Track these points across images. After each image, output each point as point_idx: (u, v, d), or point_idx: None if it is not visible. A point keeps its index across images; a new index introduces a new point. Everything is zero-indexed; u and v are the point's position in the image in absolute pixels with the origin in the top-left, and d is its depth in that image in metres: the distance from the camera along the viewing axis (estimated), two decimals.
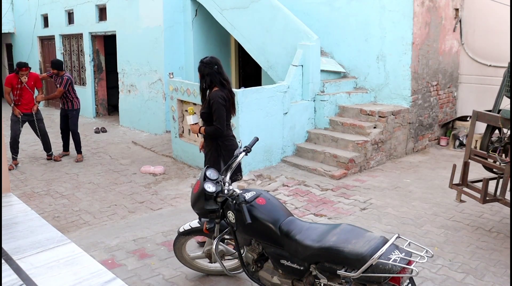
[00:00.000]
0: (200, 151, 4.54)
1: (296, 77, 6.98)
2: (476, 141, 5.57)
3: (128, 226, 4.87)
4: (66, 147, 7.87)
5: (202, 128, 4.12)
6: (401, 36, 7.19)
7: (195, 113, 4.27)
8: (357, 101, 7.51)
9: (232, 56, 10.01)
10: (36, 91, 7.45)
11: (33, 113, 7.21)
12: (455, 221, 4.73)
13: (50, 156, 7.61)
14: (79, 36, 11.79)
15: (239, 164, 3.81)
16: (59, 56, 12.74)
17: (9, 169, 6.74)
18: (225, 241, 3.39)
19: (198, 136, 4.07)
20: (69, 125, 7.60)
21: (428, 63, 7.52)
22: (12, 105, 7.07)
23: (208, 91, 4.14)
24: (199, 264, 3.65)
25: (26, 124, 7.42)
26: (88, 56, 11.44)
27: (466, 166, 4.44)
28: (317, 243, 2.64)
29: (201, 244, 4.06)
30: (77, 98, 7.63)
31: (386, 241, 2.50)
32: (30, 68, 7.15)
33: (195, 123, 4.24)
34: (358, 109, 7.12)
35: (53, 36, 12.78)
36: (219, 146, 4.18)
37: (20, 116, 7.12)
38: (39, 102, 7.44)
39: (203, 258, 3.57)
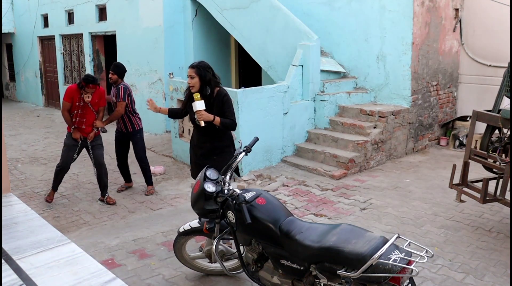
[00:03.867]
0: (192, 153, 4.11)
1: (296, 77, 6.98)
2: (476, 141, 5.56)
3: (128, 226, 4.87)
4: (127, 178, 6.07)
5: (218, 118, 3.79)
6: (401, 36, 7.19)
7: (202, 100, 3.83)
8: (357, 101, 7.51)
9: (232, 56, 10.01)
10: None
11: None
12: (455, 221, 4.73)
13: (103, 198, 5.61)
14: (79, 36, 11.80)
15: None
16: (59, 56, 12.74)
17: (46, 200, 5.54)
18: (222, 241, 3.39)
19: (202, 125, 3.72)
20: (135, 152, 5.82)
21: (428, 63, 7.52)
22: (73, 127, 5.35)
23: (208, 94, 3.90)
24: (199, 264, 3.65)
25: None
26: (88, 56, 11.44)
27: (466, 166, 4.44)
28: (317, 243, 2.64)
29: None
30: (137, 114, 5.80)
31: (386, 241, 2.50)
32: (99, 85, 5.42)
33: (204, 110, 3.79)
34: (358, 109, 7.12)
35: (53, 36, 12.78)
36: (233, 145, 4.02)
37: (80, 141, 5.40)
38: (98, 129, 5.48)
39: (203, 258, 3.57)
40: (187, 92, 3.99)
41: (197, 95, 3.72)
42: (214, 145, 3.93)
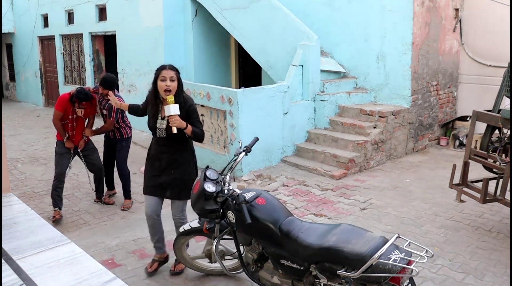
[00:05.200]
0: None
1: (296, 77, 6.98)
2: (476, 141, 5.57)
3: (128, 226, 4.87)
4: (110, 185, 5.90)
5: (190, 126, 3.38)
6: (401, 36, 7.19)
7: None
8: (357, 101, 7.51)
9: (232, 56, 10.01)
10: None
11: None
12: (455, 221, 4.73)
13: (99, 199, 5.67)
14: (79, 36, 11.80)
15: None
16: (59, 56, 12.74)
17: (54, 218, 5.04)
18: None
19: (174, 131, 3.27)
20: (116, 160, 5.67)
21: (428, 63, 7.51)
22: (66, 137, 5.19)
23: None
24: (199, 264, 3.65)
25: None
26: (88, 56, 11.44)
27: (466, 166, 4.44)
28: (317, 243, 2.64)
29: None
30: (127, 125, 5.59)
31: (386, 241, 2.50)
32: (94, 99, 5.26)
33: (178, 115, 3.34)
34: (358, 109, 7.11)
35: (53, 36, 12.78)
36: (194, 158, 3.65)
37: (72, 150, 5.27)
38: (87, 137, 5.37)
39: (203, 258, 3.57)
40: (152, 94, 3.48)
41: (171, 98, 3.29)
42: (173, 158, 3.49)
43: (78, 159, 5.30)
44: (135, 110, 3.97)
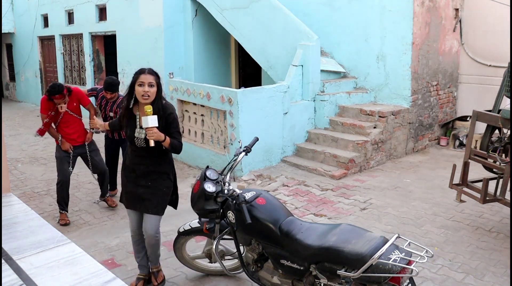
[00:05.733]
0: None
1: (296, 77, 6.98)
2: (476, 141, 5.57)
3: (128, 226, 4.85)
4: (113, 185, 5.85)
5: (168, 139, 3.13)
6: (401, 36, 7.19)
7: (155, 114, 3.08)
8: (357, 101, 7.51)
9: (232, 56, 10.00)
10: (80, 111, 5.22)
11: (86, 144, 5.18)
12: (455, 221, 4.73)
13: (103, 198, 5.54)
14: (79, 36, 11.80)
15: None
16: (59, 56, 12.74)
17: (63, 222, 5.00)
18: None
19: (152, 144, 3.04)
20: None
21: (428, 63, 7.51)
22: (60, 138, 5.03)
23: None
24: (199, 264, 3.66)
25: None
26: (88, 56, 11.44)
27: (466, 166, 4.44)
28: (317, 243, 2.64)
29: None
30: None
31: (386, 241, 2.50)
32: (68, 92, 4.96)
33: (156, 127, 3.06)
34: (358, 109, 7.11)
35: (53, 36, 12.78)
36: (173, 170, 3.41)
37: (71, 152, 5.08)
38: (95, 129, 4.72)
39: (203, 258, 3.57)
40: (125, 103, 3.21)
41: (149, 108, 2.99)
42: (150, 169, 3.24)
43: (79, 159, 5.27)
44: (114, 126, 3.55)
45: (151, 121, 2.99)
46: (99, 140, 5.71)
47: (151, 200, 3.26)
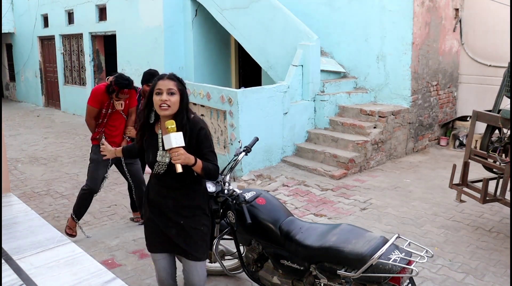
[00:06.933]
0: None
1: (296, 77, 6.98)
2: (476, 141, 5.57)
3: (128, 226, 4.86)
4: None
5: (200, 162, 2.43)
6: (401, 36, 7.19)
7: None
8: (357, 101, 7.51)
9: (232, 56, 10.01)
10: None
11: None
12: (455, 221, 4.73)
13: (141, 217, 4.68)
14: (79, 36, 11.80)
15: None
16: (59, 56, 12.74)
17: (67, 233, 4.37)
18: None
19: (179, 170, 2.32)
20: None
21: (428, 63, 7.51)
22: (103, 138, 4.31)
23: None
24: None
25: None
26: (88, 56, 11.44)
27: (466, 166, 4.44)
28: (317, 243, 2.64)
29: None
30: None
31: (386, 241, 2.50)
32: (135, 88, 4.49)
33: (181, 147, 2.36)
34: (358, 109, 7.11)
35: (53, 36, 12.78)
36: (209, 202, 2.70)
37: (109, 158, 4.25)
38: (130, 138, 4.40)
39: None
40: (142, 119, 2.56)
41: (171, 123, 2.34)
42: (181, 204, 2.54)
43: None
44: (129, 152, 2.92)
45: (174, 139, 2.31)
46: None
47: (189, 243, 2.55)
